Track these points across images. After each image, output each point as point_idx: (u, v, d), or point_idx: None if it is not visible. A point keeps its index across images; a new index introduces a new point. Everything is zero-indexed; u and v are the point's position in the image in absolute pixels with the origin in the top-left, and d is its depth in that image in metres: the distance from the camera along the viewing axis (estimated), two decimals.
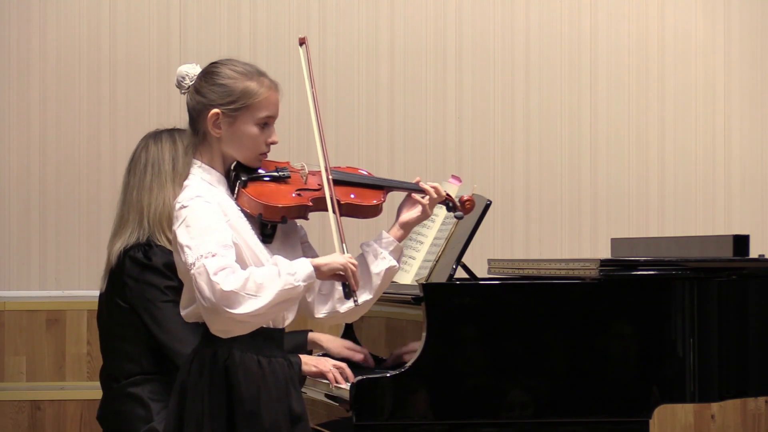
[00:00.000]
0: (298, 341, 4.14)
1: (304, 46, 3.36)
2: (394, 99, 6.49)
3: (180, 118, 6.24)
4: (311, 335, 4.28)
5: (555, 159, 6.58)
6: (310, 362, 4.03)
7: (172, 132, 4.11)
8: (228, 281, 3.06)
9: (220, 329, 3.15)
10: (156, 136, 4.09)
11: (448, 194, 3.47)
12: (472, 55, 6.54)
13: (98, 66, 6.30)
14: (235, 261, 3.13)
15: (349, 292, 3.20)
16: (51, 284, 6.21)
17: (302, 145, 6.19)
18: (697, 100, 6.71)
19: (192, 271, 3.09)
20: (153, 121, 6.30)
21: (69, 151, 6.26)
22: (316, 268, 3.17)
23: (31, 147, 6.25)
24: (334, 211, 3.26)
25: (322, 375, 4.03)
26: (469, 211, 3.50)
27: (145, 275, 3.93)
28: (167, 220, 3.93)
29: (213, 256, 3.08)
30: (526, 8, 6.59)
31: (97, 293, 4.12)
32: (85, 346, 6.13)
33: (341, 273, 3.19)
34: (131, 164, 4.08)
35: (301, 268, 3.16)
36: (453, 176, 3.95)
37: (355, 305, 3.27)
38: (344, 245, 3.21)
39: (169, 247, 3.89)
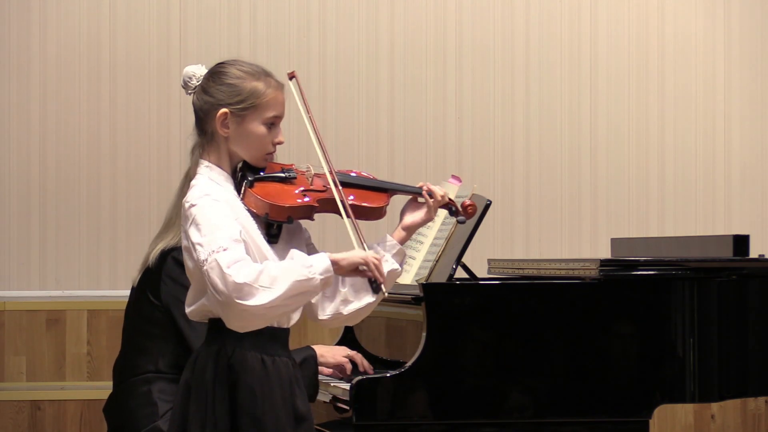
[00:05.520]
0: (306, 354, 4.13)
1: (294, 80, 3.38)
2: (394, 99, 6.49)
3: (180, 118, 6.28)
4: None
5: (555, 159, 6.58)
6: (326, 353, 4.06)
7: None
8: (241, 273, 3.07)
9: (236, 324, 3.16)
10: None
11: (450, 199, 3.49)
12: (472, 55, 6.54)
13: (98, 66, 6.30)
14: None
15: (376, 286, 3.20)
16: (51, 284, 6.21)
17: (302, 145, 6.19)
18: (697, 100, 6.71)
19: (204, 267, 3.10)
20: (153, 121, 6.33)
21: (69, 151, 6.26)
22: (334, 263, 3.17)
23: (31, 147, 6.25)
24: (347, 214, 3.27)
25: (339, 366, 4.05)
26: (471, 216, 3.51)
27: (184, 278, 3.93)
28: None
29: (225, 250, 3.10)
30: (526, 8, 6.59)
31: (97, 293, 4.12)
32: (85, 346, 6.13)
33: (363, 267, 3.19)
34: (189, 170, 4.04)
35: (318, 261, 3.16)
36: (453, 176, 3.95)
37: (384, 295, 3.24)
38: (364, 244, 3.22)
39: None
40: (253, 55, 6.24)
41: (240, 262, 3.09)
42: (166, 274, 3.95)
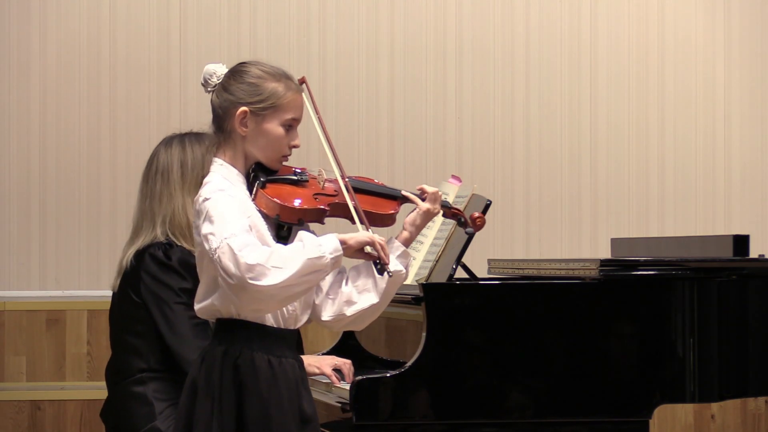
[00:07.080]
0: None
1: (304, 85, 3.40)
2: (394, 99, 6.49)
3: (180, 118, 6.27)
4: None
5: (555, 159, 6.58)
6: (312, 363, 4.06)
7: (183, 138, 4.08)
8: (252, 255, 3.09)
9: (251, 307, 3.17)
10: (167, 142, 4.08)
11: (459, 209, 3.51)
12: (472, 55, 6.54)
13: (98, 66, 6.30)
14: None
15: (381, 267, 3.22)
16: (51, 284, 6.21)
17: (302, 145, 6.19)
18: (697, 100, 6.71)
19: (216, 255, 3.11)
20: (153, 121, 6.33)
21: (69, 151, 6.26)
22: (343, 243, 3.20)
23: (31, 147, 6.25)
24: (361, 220, 3.28)
25: (323, 375, 4.06)
26: (480, 228, 3.53)
27: (162, 274, 3.94)
28: (178, 228, 3.95)
29: (235, 236, 3.11)
30: (526, 8, 6.59)
31: (97, 293, 4.12)
32: (85, 346, 6.13)
33: (369, 249, 3.21)
34: (145, 171, 4.07)
35: (327, 241, 3.19)
36: (453, 176, 3.96)
37: (389, 276, 3.25)
38: (370, 230, 3.24)
39: (187, 247, 3.91)
40: (253, 56, 6.22)
41: (251, 245, 3.11)
42: (144, 270, 3.96)
